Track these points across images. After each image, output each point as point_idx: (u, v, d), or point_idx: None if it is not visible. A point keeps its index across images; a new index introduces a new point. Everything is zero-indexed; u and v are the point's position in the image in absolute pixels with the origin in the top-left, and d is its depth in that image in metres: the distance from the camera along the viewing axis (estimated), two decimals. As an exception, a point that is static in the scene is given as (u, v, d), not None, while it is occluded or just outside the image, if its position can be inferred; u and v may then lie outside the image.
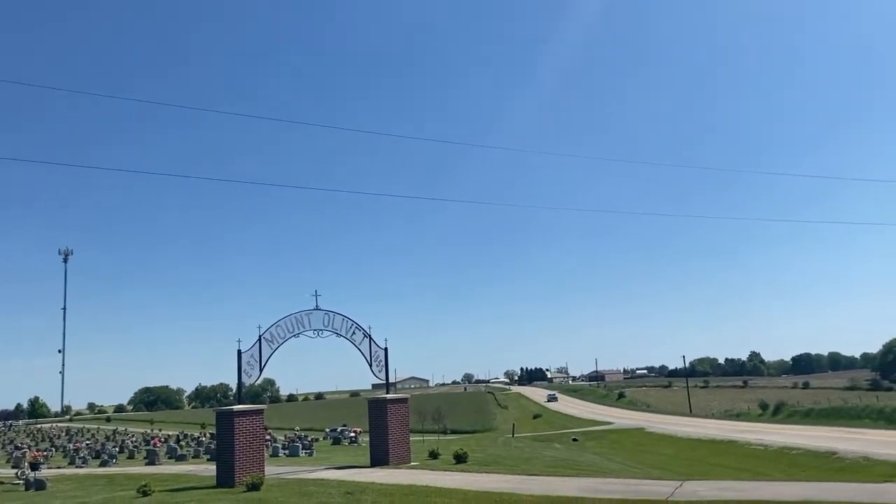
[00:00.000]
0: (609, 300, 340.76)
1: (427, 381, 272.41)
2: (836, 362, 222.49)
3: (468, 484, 15.95)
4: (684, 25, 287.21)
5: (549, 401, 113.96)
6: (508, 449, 34.11)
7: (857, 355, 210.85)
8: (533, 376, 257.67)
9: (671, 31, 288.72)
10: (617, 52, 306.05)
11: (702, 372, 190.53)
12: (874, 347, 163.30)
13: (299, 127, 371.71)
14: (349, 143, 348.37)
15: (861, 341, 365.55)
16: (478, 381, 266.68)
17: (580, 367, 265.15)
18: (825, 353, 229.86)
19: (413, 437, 27.19)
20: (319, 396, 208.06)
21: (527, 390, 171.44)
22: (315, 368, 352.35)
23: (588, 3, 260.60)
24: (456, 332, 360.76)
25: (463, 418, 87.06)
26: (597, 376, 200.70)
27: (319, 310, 21.66)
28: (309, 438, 53.36)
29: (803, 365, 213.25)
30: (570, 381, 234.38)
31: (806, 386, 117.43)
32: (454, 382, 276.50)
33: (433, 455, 24.49)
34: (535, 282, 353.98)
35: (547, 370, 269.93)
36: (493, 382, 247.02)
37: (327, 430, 67.74)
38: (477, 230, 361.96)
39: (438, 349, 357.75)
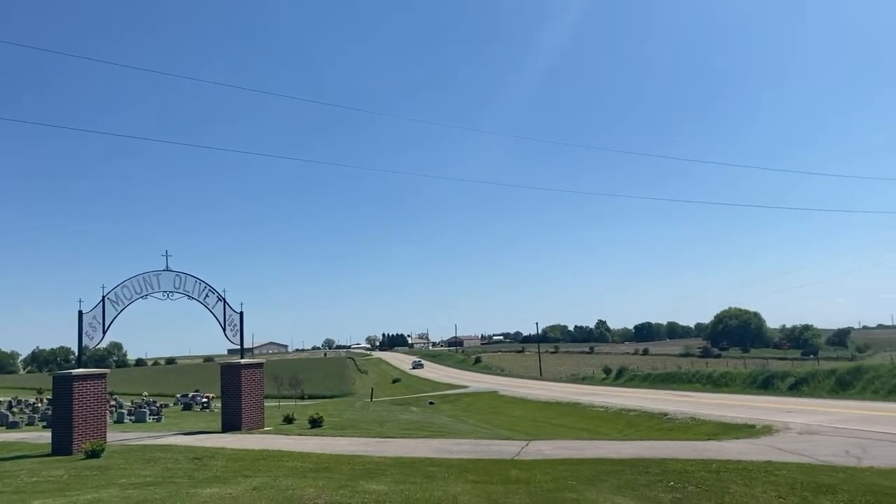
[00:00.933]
0: (469, 269, 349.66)
1: (286, 346, 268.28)
2: (673, 331, 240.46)
3: (322, 447, 15.96)
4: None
5: (414, 368, 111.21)
6: (365, 413, 34.38)
7: (692, 325, 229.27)
8: (394, 342, 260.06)
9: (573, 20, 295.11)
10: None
11: (553, 338, 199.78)
12: (707, 318, 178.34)
13: (161, 78, 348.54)
14: (219, 100, 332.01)
15: (696, 312, 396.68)
16: (339, 347, 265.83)
17: (440, 333, 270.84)
18: (664, 322, 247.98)
19: (269, 403, 26.79)
20: (171, 361, 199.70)
21: (388, 356, 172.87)
22: (167, 332, 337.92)
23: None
24: (318, 299, 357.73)
25: (322, 384, 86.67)
26: (456, 342, 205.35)
27: (170, 271, 20.71)
28: (158, 404, 51.22)
29: (644, 333, 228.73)
30: (431, 347, 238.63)
31: (646, 352, 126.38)
32: (314, 348, 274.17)
33: (288, 420, 24.26)
34: (398, 249, 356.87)
35: (408, 336, 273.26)
36: (354, 348, 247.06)
37: (178, 395, 65.44)
38: (342, 197, 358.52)
39: (300, 315, 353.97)
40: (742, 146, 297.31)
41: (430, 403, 48.42)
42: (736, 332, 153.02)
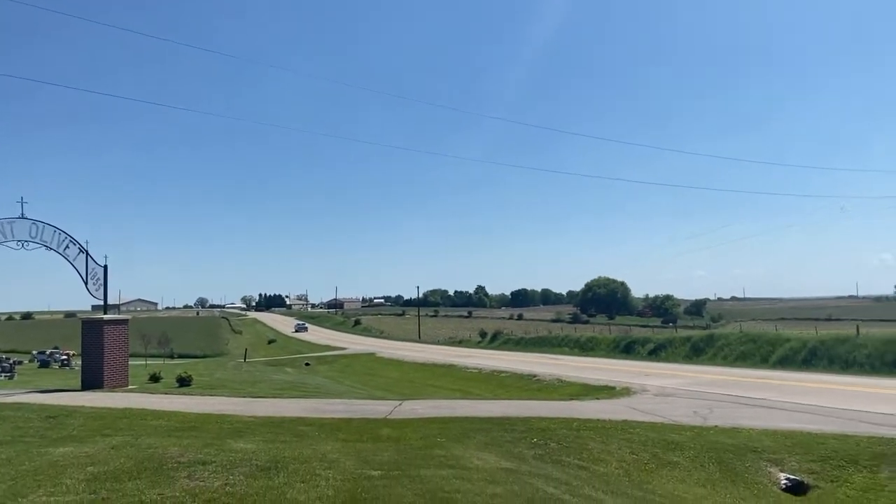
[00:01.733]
0: (350, 230, 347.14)
1: (156, 304, 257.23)
2: (547, 297, 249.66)
3: (189, 407, 15.49)
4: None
5: (297, 331, 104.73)
6: (238, 373, 33.70)
7: (565, 292, 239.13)
8: (271, 302, 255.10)
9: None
10: None
11: (433, 302, 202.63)
12: (578, 286, 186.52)
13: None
14: (98, 42, 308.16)
15: (568, 280, 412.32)
16: (212, 306, 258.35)
17: (320, 295, 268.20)
18: (539, 289, 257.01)
19: (135, 362, 25.67)
20: (27, 316, 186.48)
21: (264, 316, 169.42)
22: (23, 285, 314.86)
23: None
24: (192, 256, 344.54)
25: (193, 343, 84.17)
26: (336, 304, 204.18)
27: (25, 219, 19.27)
28: (11, 361, 47.79)
29: (520, 299, 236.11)
30: (310, 308, 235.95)
31: (520, 317, 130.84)
32: (186, 307, 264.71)
33: (154, 378, 23.40)
34: (275, 207, 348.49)
35: (286, 297, 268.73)
36: (228, 308, 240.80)
37: (35, 352, 61.36)
38: (217, 151, 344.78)
39: (172, 272, 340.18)
40: (629, 120, 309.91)
41: (307, 365, 48.03)
42: (604, 299, 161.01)
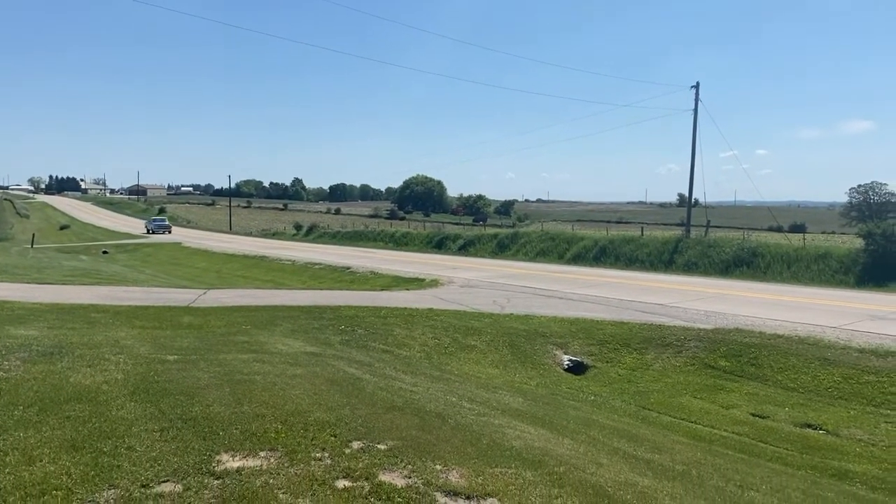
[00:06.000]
0: (155, 110, 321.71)
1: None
2: (366, 193, 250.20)
3: (-40, 293, 13.98)
4: None
5: (152, 232, 76.05)
6: (23, 259, 30.85)
7: (384, 189, 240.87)
8: (64, 186, 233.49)
9: None
10: None
11: (247, 193, 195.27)
12: (397, 183, 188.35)
13: None
14: None
15: (387, 177, 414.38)
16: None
17: (120, 181, 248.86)
18: (358, 184, 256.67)
19: None
20: None
21: (56, 200, 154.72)
22: None
23: None
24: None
25: (-32, 226, 75.39)
26: (139, 190, 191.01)
27: None
28: None
29: (339, 194, 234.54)
30: (109, 194, 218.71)
31: (338, 212, 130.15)
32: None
33: (-83, 263, 20.77)
34: (73, 85, 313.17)
35: (82, 180, 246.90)
36: (13, 189, 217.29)
37: None
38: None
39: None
40: (462, 21, 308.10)
41: (104, 252, 44.84)
42: (421, 197, 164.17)
